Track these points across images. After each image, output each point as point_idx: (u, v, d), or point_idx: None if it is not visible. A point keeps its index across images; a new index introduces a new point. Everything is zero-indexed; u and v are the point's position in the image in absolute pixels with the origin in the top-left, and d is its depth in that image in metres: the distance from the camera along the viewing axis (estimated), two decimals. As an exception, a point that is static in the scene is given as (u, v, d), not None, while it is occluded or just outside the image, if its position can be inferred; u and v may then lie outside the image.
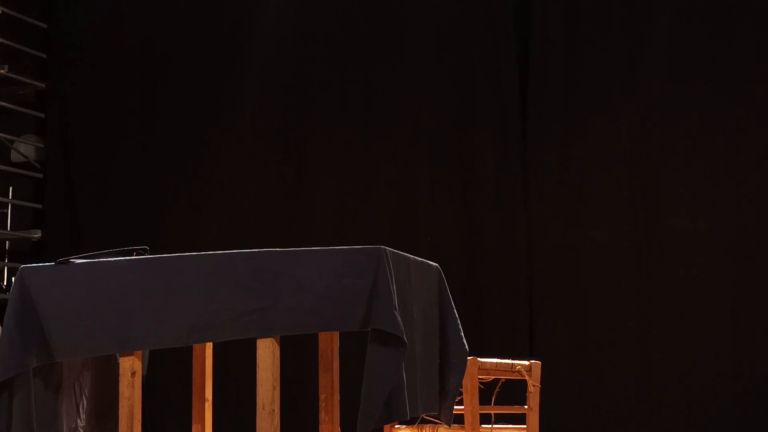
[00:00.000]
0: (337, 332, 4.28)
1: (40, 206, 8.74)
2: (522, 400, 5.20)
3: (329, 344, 4.30)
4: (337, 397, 4.28)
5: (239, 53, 8.18)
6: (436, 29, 7.84)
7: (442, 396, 4.56)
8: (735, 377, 7.10)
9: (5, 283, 8.61)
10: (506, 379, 5.20)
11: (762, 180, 7.21)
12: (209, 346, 4.84)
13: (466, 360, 4.64)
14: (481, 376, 5.09)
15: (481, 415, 5.09)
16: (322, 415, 4.26)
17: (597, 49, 7.54)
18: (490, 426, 5.18)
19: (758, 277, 7.13)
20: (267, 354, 4.01)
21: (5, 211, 8.82)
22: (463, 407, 5.04)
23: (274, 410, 4.00)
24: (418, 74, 7.84)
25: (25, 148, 8.76)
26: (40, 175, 8.74)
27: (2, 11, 8.38)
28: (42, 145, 8.79)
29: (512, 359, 5.27)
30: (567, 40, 7.59)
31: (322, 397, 4.26)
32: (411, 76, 7.85)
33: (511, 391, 5.46)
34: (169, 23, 8.40)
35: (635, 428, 7.21)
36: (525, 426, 5.17)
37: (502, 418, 5.28)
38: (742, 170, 7.24)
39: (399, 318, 3.89)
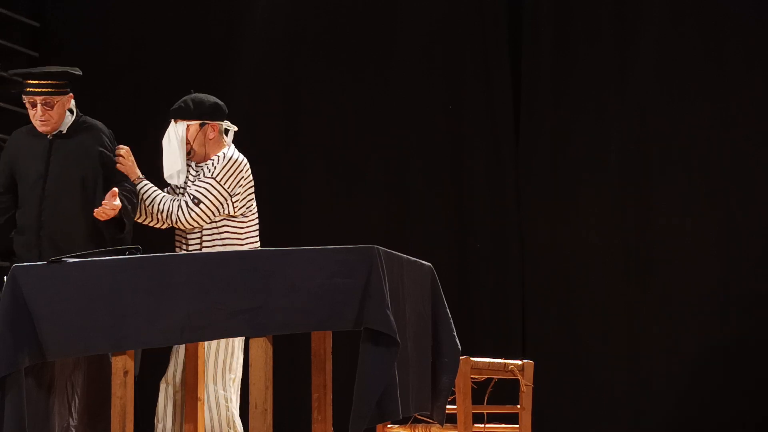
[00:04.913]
0: (330, 332, 4.28)
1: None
2: (515, 400, 5.20)
3: (322, 344, 4.30)
4: (329, 397, 4.28)
5: (231, 53, 8.18)
6: (427, 30, 7.83)
7: (435, 395, 4.56)
8: (727, 375, 7.13)
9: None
10: (499, 379, 5.21)
11: (752, 180, 7.23)
12: (201, 346, 4.83)
13: (458, 359, 4.65)
14: (473, 376, 5.10)
15: (474, 414, 5.09)
16: (314, 415, 4.26)
17: (589, 51, 7.55)
18: (482, 425, 5.19)
19: (749, 276, 7.16)
20: (260, 353, 4.01)
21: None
22: (455, 407, 5.04)
23: (266, 410, 4.00)
24: (409, 74, 7.83)
25: (16, 148, 8.74)
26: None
27: (-6, 10, 8.36)
28: (34, 145, 8.76)
29: (505, 359, 5.28)
30: (559, 41, 7.60)
31: (314, 396, 4.26)
32: (403, 76, 7.85)
33: (504, 390, 5.46)
34: (162, 23, 8.38)
35: (628, 427, 7.22)
36: (518, 425, 5.17)
37: (494, 418, 5.28)
38: (733, 170, 7.26)
39: (391, 317, 3.90)
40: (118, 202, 5.01)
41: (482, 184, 7.65)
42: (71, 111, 5.31)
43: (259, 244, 5.45)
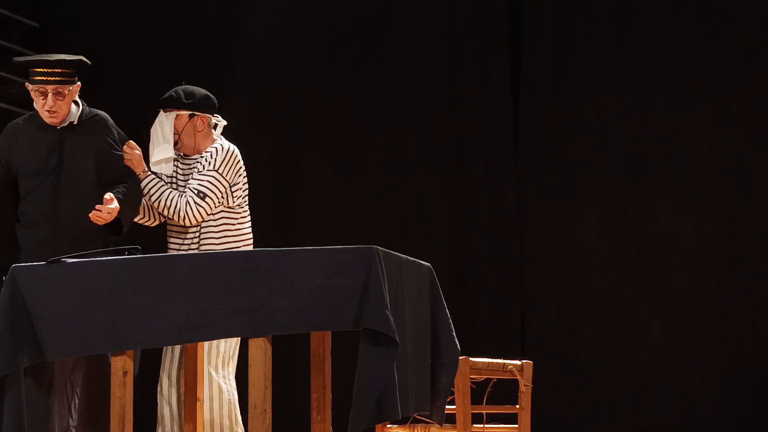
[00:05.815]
0: (329, 332, 4.28)
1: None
2: (514, 400, 5.20)
3: (321, 344, 4.30)
4: (329, 397, 4.28)
5: (231, 52, 8.18)
6: (427, 30, 7.83)
7: (434, 395, 4.56)
8: (724, 375, 7.13)
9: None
10: (498, 379, 5.21)
11: (752, 180, 7.23)
12: (201, 346, 4.83)
13: (457, 359, 4.65)
14: (472, 376, 5.09)
15: (473, 414, 5.09)
16: (314, 415, 4.26)
17: (589, 51, 7.55)
18: (481, 425, 5.18)
19: (747, 276, 7.17)
20: (259, 353, 4.01)
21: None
22: (454, 407, 5.04)
23: (266, 410, 4.00)
24: (409, 74, 7.83)
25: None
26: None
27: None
28: (34, 144, 8.75)
29: (504, 359, 5.28)
30: (559, 41, 7.61)
31: (314, 396, 4.25)
32: (403, 76, 7.84)
33: (503, 390, 5.46)
34: (162, 23, 8.38)
35: (627, 427, 7.23)
36: (517, 426, 5.17)
37: (493, 418, 5.28)
38: (733, 170, 7.26)
39: (391, 317, 3.89)
40: (115, 204, 4.90)
41: (482, 184, 7.65)
42: (76, 102, 5.15)
43: (251, 236, 5.45)
